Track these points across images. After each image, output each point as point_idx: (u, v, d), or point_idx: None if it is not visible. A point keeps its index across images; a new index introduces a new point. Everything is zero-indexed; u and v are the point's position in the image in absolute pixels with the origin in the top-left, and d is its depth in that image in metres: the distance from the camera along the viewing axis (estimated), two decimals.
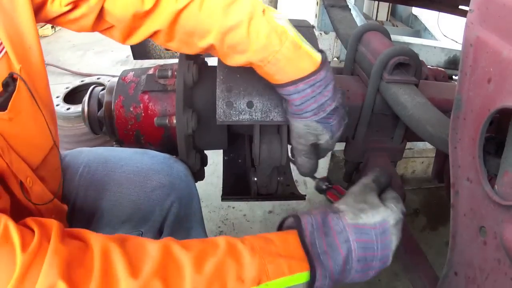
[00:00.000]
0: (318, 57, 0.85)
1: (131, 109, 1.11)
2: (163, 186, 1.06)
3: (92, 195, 1.03)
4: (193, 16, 0.81)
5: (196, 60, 1.09)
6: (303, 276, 0.64)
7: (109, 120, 1.14)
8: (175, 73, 1.05)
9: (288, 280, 0.63)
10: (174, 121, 1.02)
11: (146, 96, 1.11)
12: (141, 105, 1.11)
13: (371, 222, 0.69)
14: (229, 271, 0.61)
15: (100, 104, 1.16)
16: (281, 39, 0.80)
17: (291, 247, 0.68)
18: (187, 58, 1.04)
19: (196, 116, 1.05)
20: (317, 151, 0.95)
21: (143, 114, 1.11)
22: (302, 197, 1.29)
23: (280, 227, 0.78)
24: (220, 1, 0.80)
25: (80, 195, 1.03)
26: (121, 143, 1.18)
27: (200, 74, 1.08)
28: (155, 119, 1.06)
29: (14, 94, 0.69)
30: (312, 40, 0.99)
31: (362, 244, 0.68)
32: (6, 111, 0.68)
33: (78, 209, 1.03)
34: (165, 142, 1.15)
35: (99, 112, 1.15)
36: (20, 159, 0.73)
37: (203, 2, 0.80)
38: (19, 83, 0.70)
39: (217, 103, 0.92)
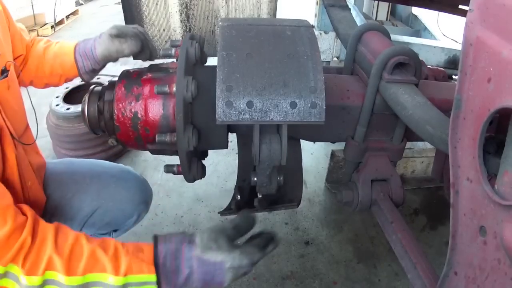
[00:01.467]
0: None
1: (132, 91, 1.11)
2: (144, 203, 1.43)
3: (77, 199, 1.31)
4: None
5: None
6: (153, 276, 0.89)
7: (109, 115, 1.13)
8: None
9: (145, 277, 0.88)
10: (174, 89, 1.03)
11: (148, 78, 1.12)
12: (142, 86, 1.11)
13: (212, 260, 0.91)
14: (105, 261, 0.87)
15: (100, 104, 1.16)
16: None
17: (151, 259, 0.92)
18: (185, 74, 1.04)
19: (197, 132, 1.07)
20: None
21: (143, 95, 1.10)
22: (294, 206, 1.34)
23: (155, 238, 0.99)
24: None
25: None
26: (117, 140, 1.17)
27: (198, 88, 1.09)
28: (155, 86, 1.07)
29: (10, 69, 1.05)
30: (312, 41, 0.99)
31: (202, 270, 0.91)
32: (7, 77, 1.04)
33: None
34: (163, 125, 1.14)
35: (99, 118, 1.15)
36: (10, 123, 1.04)
37: None
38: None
39: (217, 102, 0.93)
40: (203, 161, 1.27)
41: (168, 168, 1.18)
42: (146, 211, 1.48)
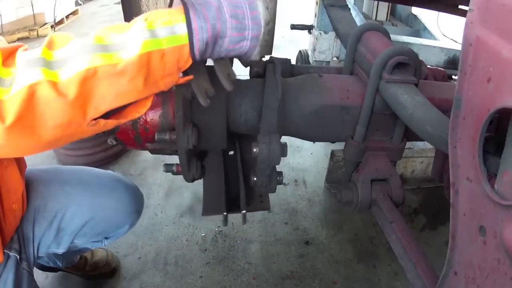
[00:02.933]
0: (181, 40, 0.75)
1: None
2: (136, 212, 1.43)
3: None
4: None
5: None
6: (181, 18, 0.73)
7: None
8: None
9: (168, 21, 0.72)
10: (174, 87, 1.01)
11: None
12: None
13: None
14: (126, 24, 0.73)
15: None
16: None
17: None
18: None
19: (196, 131, 1.06)
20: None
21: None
22: (268, 208, 1.35)
23: None
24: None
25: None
26: (116, 139, 1.17)
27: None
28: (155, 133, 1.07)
29: None
30: None
31: (232, 3, 0.76)
32: None
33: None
34: (163, 123, 1.13)
35: None
36: None
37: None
38: None
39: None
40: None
41: (167, 167, 1.17)
42: (138, 219, 1.48)
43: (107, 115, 0.76)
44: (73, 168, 1.44)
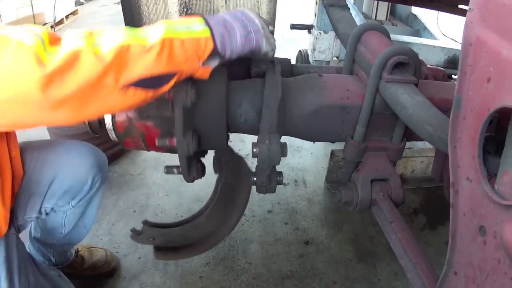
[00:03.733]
0: (203, 32, 0.93)
1: None
2: (96, 166, 1.46)
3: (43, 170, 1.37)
4: None
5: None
6: (196, 20, 0.94)
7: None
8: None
9: (184, 21, 0.92)
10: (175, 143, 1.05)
11: None
12: None
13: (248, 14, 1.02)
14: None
15: None
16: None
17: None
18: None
19: (197, 136, 1.08)
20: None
21: None
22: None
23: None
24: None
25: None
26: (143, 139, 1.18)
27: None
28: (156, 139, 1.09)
29: None
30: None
31: (230, 14, 0.99)
32: None
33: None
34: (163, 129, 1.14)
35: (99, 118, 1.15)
36: None
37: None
38: None
39: None
40: (203, 159, 1.27)
41: (168, 170, 1.18)
42: (102, 177, 1.51)
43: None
44: (42, 140, 1.55)
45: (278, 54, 1.22)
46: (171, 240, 1.41)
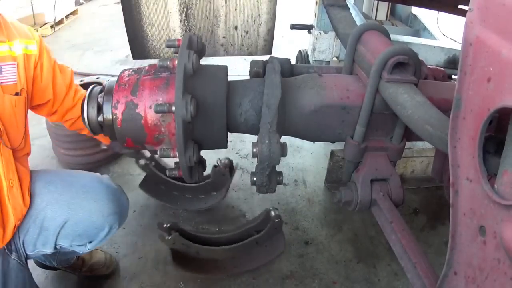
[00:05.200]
0: None
1: (131, 108, 1.11)
2: (114, 214, 1.39)
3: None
4: None
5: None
6: None
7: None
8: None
9: None
10: (173, 108, 1.03)
11: (146, 90, 1.14)
12: (139, 100, 1.12)
13: None
14: None
15: (99, 105, 1.16)
16: None
17: None
18: (184, 92, 1.04)
19: (198, 147, 1.10)
20: None
21: (143, 116, 1.11)
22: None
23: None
24: None
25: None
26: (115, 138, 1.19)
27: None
28: (154, 105, 1.07)
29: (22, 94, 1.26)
30: None
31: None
32: (18, 96, 1.25)
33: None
34: (164, 140, 1.15)
35: (98, 117, 1.16)
36: (3, 127, 1.20)
37: None
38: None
39: None
40: (203, 155, 1.27)
41: (170, 173, 1.18)
42: (120, 222, 1.45)
43: None
44: (59, 170, 1.48)
45: (278, 54, 1.22)
46: (187, 251, 1.60)
